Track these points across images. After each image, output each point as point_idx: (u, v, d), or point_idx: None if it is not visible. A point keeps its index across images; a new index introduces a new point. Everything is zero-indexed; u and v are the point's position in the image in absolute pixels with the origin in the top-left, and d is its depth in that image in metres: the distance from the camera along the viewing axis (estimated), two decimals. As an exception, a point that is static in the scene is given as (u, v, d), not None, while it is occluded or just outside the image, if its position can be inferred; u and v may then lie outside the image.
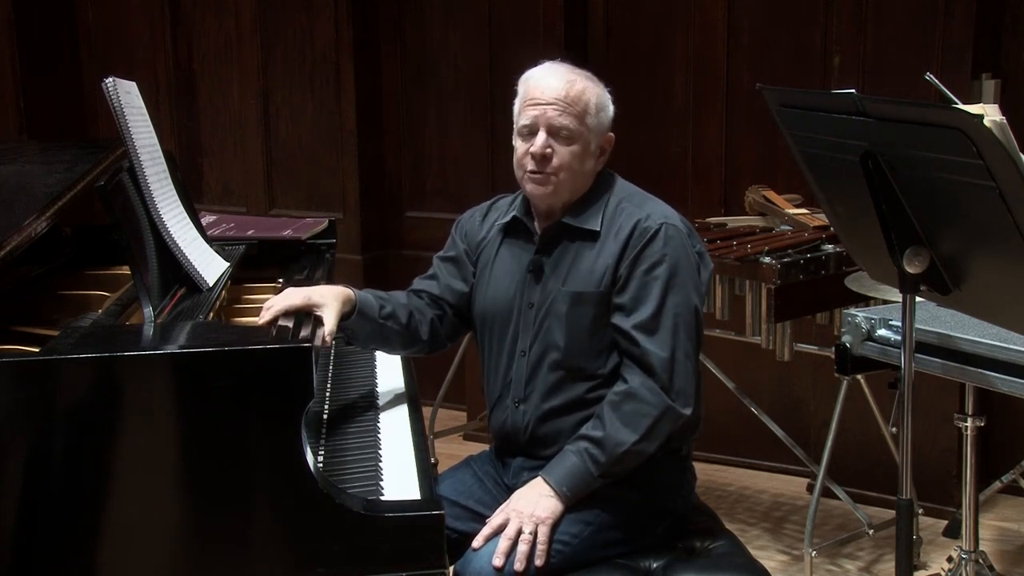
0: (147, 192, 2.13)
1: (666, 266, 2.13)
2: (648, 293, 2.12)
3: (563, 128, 2.15)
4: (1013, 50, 3.56)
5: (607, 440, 2.07)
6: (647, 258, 2.13)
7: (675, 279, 2.13)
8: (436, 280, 2.38)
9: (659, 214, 2.18)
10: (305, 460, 1.69)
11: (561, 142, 2.15)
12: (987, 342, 2.24)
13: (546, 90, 2.16)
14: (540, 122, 2.15)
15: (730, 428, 3.96)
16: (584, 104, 2.16)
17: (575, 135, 2.16)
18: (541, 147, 2.15)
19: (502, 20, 4.25)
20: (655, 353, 2.10)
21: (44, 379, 1.65)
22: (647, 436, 2.08)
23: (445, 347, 2.42)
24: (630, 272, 2.14)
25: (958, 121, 1.57)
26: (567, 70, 2.20)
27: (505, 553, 2.02)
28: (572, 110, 2.15)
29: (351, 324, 2.23)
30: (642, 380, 2.10)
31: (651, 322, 2.11)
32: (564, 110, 2.15)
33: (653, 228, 2.14)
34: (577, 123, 2.15)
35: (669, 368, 2.10)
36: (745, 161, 3.97)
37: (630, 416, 2.08)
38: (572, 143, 2.16)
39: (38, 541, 1.66)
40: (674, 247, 2.14)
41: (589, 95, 2.18)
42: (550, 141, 2.15)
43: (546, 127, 2.15)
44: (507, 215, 2.32)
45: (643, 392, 2.09)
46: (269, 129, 4.73)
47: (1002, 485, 3.44)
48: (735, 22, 3.93)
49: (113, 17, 4.97)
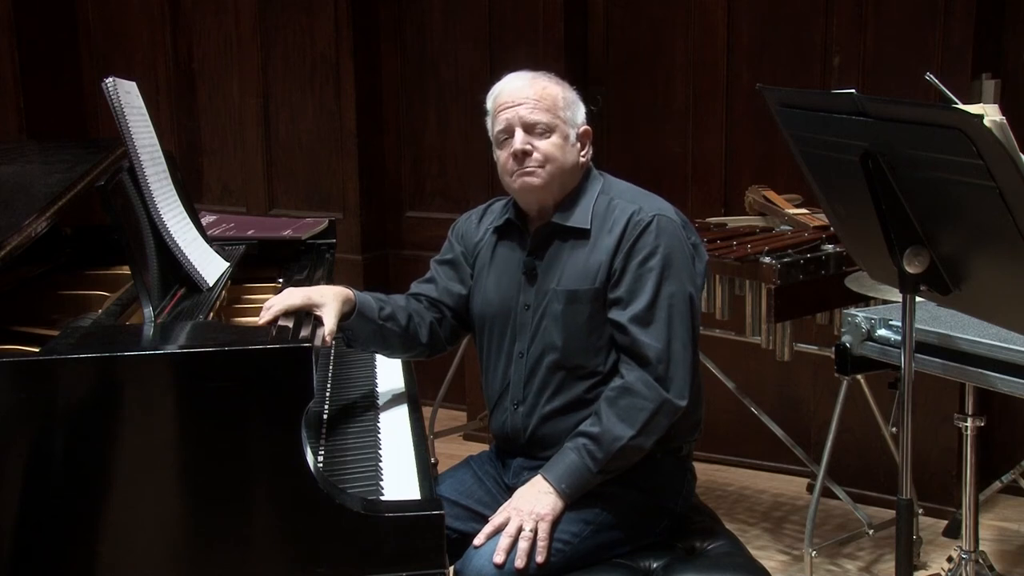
0: (147, 192, 2.13)
1: (660, 257, 2.13)
2: (642, 285, 2.13)
3: (538, 123, 2.18)
4: (1013, 50, 3.56)
5: (604, 436, 2.08)
6: (640, 250, 2.14)
7: (669, 270, 2.14)
8: (434, 283, 2.38)
9: (652, 207, 2.19)
10: (305, 460, 1.69)
11: (538, 137, 2.18)
12: (987, 342, 2.25)
13: (513, 93, 2.21)
14: (515, 122, 2.19)
15: (730, 428, 3.96)
16: (552, 98, 2.20)
17: (551, 127, 2.19)
18: (522, 142, 2.18)
19: (502, 20, 4.25)
20: (650, 344, 2.10)
21: (44, 379, 1.65)
22: (644, 430, 2.08)
23: (445, 350, 2.42)
24: (624, 265, 2.15)
25: (958, 121, 1.57)
26: (528, 73, 2.25)
27: (506, 550, 2.02)
28: (542, 105, 2.19)
29: (351, 325, 2.23)
30: (638, 374, 2.10)
31: (646, 314, 2.12)
32: (535, 106, 2.19)
33: (646, 220, 2.16)
34: (550, 116, 2.19)
35: (665, 359, 2.10)
36: (745, 161, 3.97)
37: (626, 411, 2.08)
38: (550, 134, 2.19)
39: (38, 541, 1.66)
40: (667, 238, 2.15)
41: (554, 90, 2.22)
42: (528, 138, 2.18)
43: (521, 125, 2.19)
44: (501, 218, 2.33)
45: (639, 386, 2.09)
46: (269, 129, 4.73)
47: (1002, 485, 3.44)
48: (735, 22, 3.93)
49: (113, 17, 4.97)
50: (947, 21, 3.41)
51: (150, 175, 2.16)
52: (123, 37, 4.97)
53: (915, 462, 2.02)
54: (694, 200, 4.01)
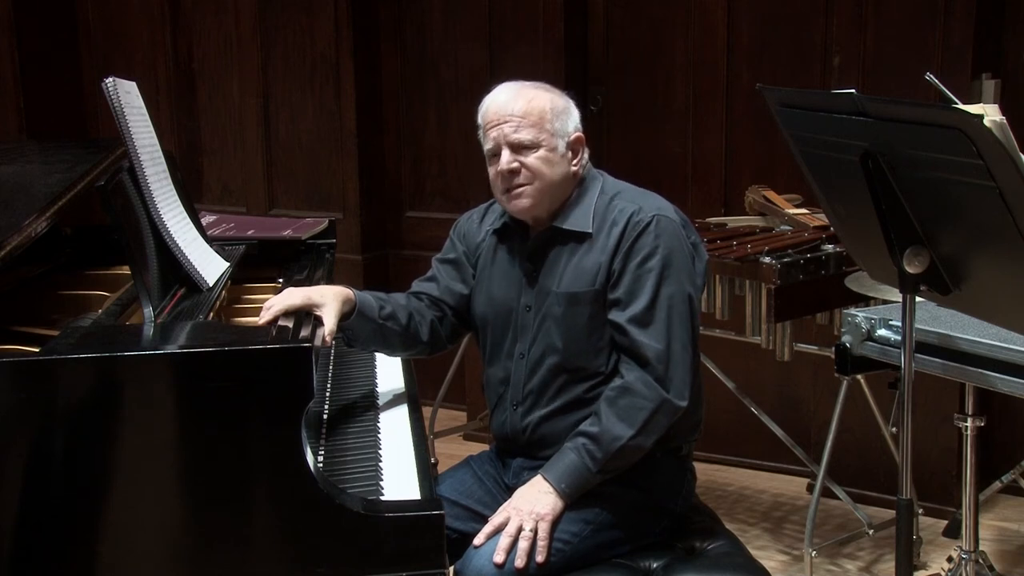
0: (147, 192, 2.13)
1: (659, 257, 2.13)
2: (642, 286, 2.12)
3: (522, 141, 2.16)
4: (1013, 50, 3.56)
5: (603, 435, 2.08)
6: (639, 250, 2.14)
7: (668, 270, 2.13)
8: (435, 282, 2.38)
9: (652, 206, 2.18)
10: (305, 460, 1.69)
11: (525, 154, 2.17)
12: (987, 342, 2.25)
13: (498, 110, 2.19)
14: (500, 141, 2.18)
15: (730, 428, 3.96)
16: (538, 112, 2.18)
17: (537, 143, 2.17)
18: (507, 163, 2.17)
19: (502, 20, 4.25)
20: (650, 345, 2.10)
21: (44, 379, 1.65)
22: (643, 430, 2.08)
23: (445, 348, 2.42)
24: (623, 266, 2.14)
25: (958, 121, 1.57)
26: (516, 85, 2.23)
27: (506, 550, 2.02)
28: (527, 121, 2.17)
29: (351, 324, 2.23)
30: (638, 374, 2.10)
31: (645, 314, 2.12)
32: (519, 124, 2.16)
33: (645, 220, 2.15)
34: (536, 132, 2.17)
35: (665, 359, 2.10)
36: (745, 161, 3.97)
37: (626, 410, 2.08)
38: (537, 150, 2.17)
39: (38, 541, 1.66)
40: (667, 238, 2.14)
41: (541, 102, 2.19)
42: (514, 156, 2.17)
43: (507, 144, 2.17)
44: (501, 219, 2.32)
45: (638, 386, 2.09)
46: (269, 129, 4.73)
47: (1002, 485, 3.44)
48: (735, 22, 3.93)
49: (113, 17, 4.97)
50: (947, 21, 3.41)
51: (150, 175, 2.16)
52: (123, 37, 4.97)
53: (915, 462, 2.02)
54: (694, 200, 4.01)
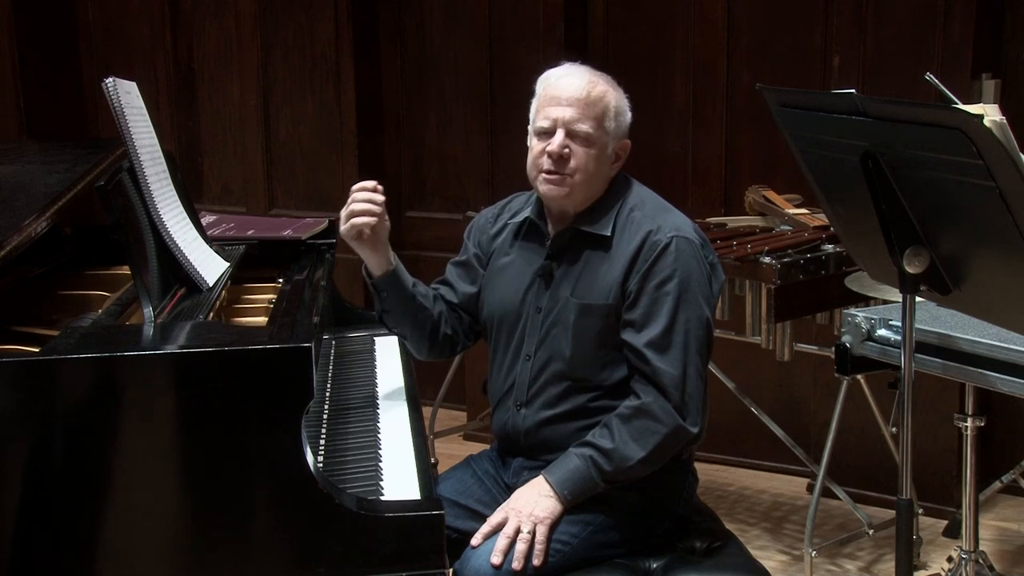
0: (147, 192, 2.13)
1: (677, 281, 2.10)
2: (659, 309, 2.10)
3: (581, 131, 2.13)
4: (1013, 50, 3.56)
5: (615, 452, 2.06)
6: (657, 273, 2.10)
7: (686, 294, 2.10)
8: (449, 286, 2.39)
9: (670, 226, 2.14)
10: (305, 460, 1.69)
11: (578, 143, 2.13)
12: (987, 342, 2.25)
13: (566, 91, 2.14)
14: (559, 123, 2.13)
15: (730, 428, 3.95)
16: (603, 107, 2.15)
17: (592, 138, 2.13)
18: (559, 146, 2.12)
19: (502, 20, 4.25)
20: (667, 372, 2.08)
21: (44, 379, 1.65)
22: (654, 454, 2.07)
23: (466, 347, 2.42)
24: (640, 287, 2.11)
25: (958, 121, 1.57)
26: (588, 72, 2.19)
27: (503, 551, 2.02)
28: (591, 112, 2.13)
29: (386, 283, 2.25)
30: (655, 398, 2.08)
31: (662, 339, 2.09)
32: (584, 112, 2.13)
33: (663, 242, 2.11)
34: (595, 126, 2.13)
35: (681, 386, 2.08)
36: (745, 161, 3.97)
37: (640, 432, 2.07)
38: (589, 146, 2.13)
39: (38, 541, 1.66)
40: (684, 261, 2.11)
41: (609, 99, 2.16)
42: (567, 142, 2.13)
43: (564, 128, 2.13)
44: (520, 215, 2.31)
45: (655, 409, 2.07)
46: (269, 129, 4.73)
47: (1002, 485, 3.44)
48: (735, 22, 3.93)
49: (113, 17, 4.98)
50: (947, 21, 3.41)
51: (150, 175, 2.15)
52: (123, 37, 4.97)
53: (915, 462, 2.02)
54: (694, 200, 4.01)
